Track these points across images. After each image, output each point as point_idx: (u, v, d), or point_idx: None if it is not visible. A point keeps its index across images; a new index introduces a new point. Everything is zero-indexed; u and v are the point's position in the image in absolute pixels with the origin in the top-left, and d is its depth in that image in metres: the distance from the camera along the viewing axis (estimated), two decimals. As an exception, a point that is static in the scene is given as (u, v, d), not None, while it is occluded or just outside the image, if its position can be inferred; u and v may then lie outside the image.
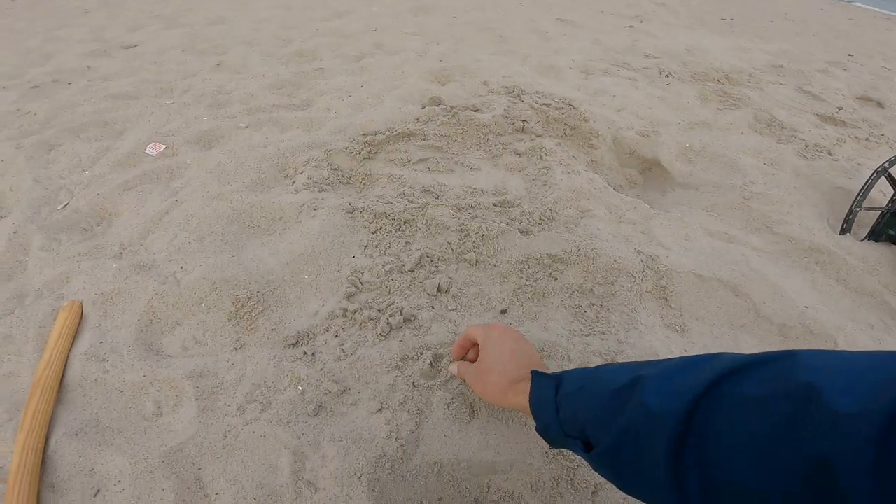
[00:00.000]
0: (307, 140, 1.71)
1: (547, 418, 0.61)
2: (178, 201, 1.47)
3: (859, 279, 1.44)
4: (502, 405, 0.74)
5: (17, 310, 1.21)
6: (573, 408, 0.58)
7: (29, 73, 2.60)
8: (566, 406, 0.59)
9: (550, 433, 0.61)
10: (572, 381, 0.61)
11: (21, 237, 1.43)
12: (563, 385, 0.62)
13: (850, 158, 2.05)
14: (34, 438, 0.91)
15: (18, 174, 1.71)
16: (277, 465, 0.87)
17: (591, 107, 2.06)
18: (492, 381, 0.76)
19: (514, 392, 0.71)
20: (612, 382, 0.53)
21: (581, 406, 0.57)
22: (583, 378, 0.60)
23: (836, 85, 2.85)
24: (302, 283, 1.18)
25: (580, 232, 1.34)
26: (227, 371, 1.02)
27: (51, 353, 1.07)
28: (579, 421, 0.56)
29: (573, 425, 0.57)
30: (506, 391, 0.73)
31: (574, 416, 0.57)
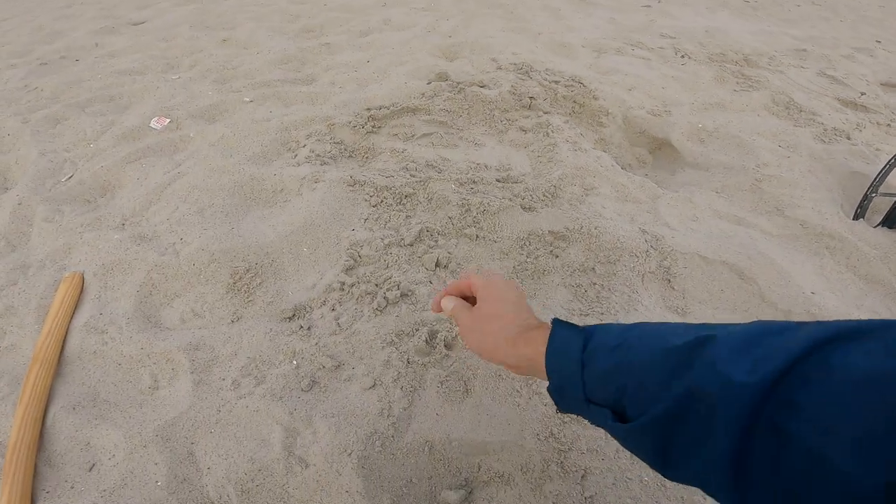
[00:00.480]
0: (311, 114, 1.69)
1: (567, 375, 0.50)
2: (180, 174, 1.46)
3: (869, 266, 1.39)
4: (503, 360, 0.59)
5: (21, 280, 1.22)
6: (608, 365, 0.47)
7: (38, 51, 2.61)
8: (598, 363, 0.48)
9: (567, 394, 0.51)
10: (608, 335, 0.50)
11: (25, 208, 1.44)
12: (595, 337, 0.50)
13: (869, 143, 1.98)
14: (32, 412, 0.91)
15: (24, 147, 1.72)
16: (269, 441, 0.87)
17: (602, 85, 2.01)
18: (495, 329, 0.61)
19: (525, 341, 0.57)
20: (666, 340, 0.43)
21: (622, 364, 0.46)
22: (623, 332, 0.49)
23: (861, 70, 2.75)
24: (301, 255, 1.17)
25: (584, 210, 1.31)
26: (223, 344, 1.02)
27: (51, 325, 1.07)
28: (615, 383, 0.45)
29: (603, 388, 0.47)
30: (514, 340, 0.58)
31: (608, 375, 0.46)
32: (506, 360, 0.59)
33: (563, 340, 0.53)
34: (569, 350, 0.51)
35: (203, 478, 0.84)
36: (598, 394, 0.47)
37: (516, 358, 0.58)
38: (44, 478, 0.85)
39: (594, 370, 0.48)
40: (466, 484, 0.86)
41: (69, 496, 0.82)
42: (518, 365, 0.58)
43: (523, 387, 0.94)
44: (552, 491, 0.82)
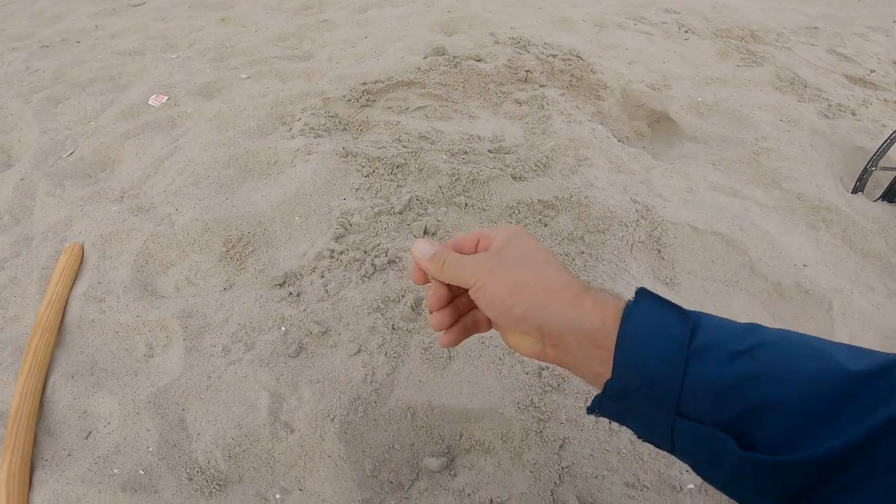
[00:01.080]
0: (307, 89, 1.70)
1: (653, 371, 0.36)
2: (177, 148, 1.48)
3: (866, 240, 1.38)
4: (545, 321, 0.41)
5: (24, 252, 1.26)
6: (731, 374, 0.34)
7: (39, 34, 2.63)
8: (713, 367, 0.35)
9: (642, 398, 0.36)
10: (723, 331, 0.37)
11: (28, 183, 1.47)
12: (705, 331, 0.37)
13: (875, 120, 1.95)
14: (33, 381, 0.93)
15: (27, 126, 1.74)
16: (256, 406, 0.89)
17: (601, 59, 1.99)
18: (541, 276, 0.42)
19: (594, 302, 0.40)
20: (835, 360, 0.33)
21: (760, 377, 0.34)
22: (745, 334, 0.36)
23: (874, 49, 2.68)
24: (292, 224, 1.19)
25: (576, 180, 1.31)
26: (215, 311, 1.04)
27: (51, 295, 1.10)
28: (742, 399, 0.33)
29: (715, 403, 0.34)
30: (578, 295, 0.41)
31: (731, 388, 0.34)
32: (552, 321, 0.40)
33: (654, 320, 0.38)
34: (665, 336, 0.36)
35: (192, 443, 0.86)
36: (702, 408, 0.35)
37: (574, 322, 0.39)
38: (43, 446, 0.87)
39: (705, 375, 0.35)
40: (448, 451, 0.88)
41: (66, 464, 0.84)
42: (561, 335, 0.40)
43: (506, 355, 0.96)
44: (530, 460, 0.83)
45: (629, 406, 0.38)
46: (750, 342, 0.35)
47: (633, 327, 0.37)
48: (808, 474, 0.31)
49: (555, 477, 0.82)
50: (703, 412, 0.35)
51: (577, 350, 0.40)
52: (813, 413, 0.32)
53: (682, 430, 0.36)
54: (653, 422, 0.37)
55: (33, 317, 1.08)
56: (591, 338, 0.39)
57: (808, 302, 1.17)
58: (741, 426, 0.34)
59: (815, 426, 0.32)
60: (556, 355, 0.42)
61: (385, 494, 0.83)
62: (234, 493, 0.82)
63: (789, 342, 0.36)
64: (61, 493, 0.79)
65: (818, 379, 0.33)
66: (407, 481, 0.84)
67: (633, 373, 0.37)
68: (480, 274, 0.44)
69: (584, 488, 0.81)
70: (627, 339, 0.37)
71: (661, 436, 0.37)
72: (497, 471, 0.84)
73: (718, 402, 0.34)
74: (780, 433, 0.32)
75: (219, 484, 0.82)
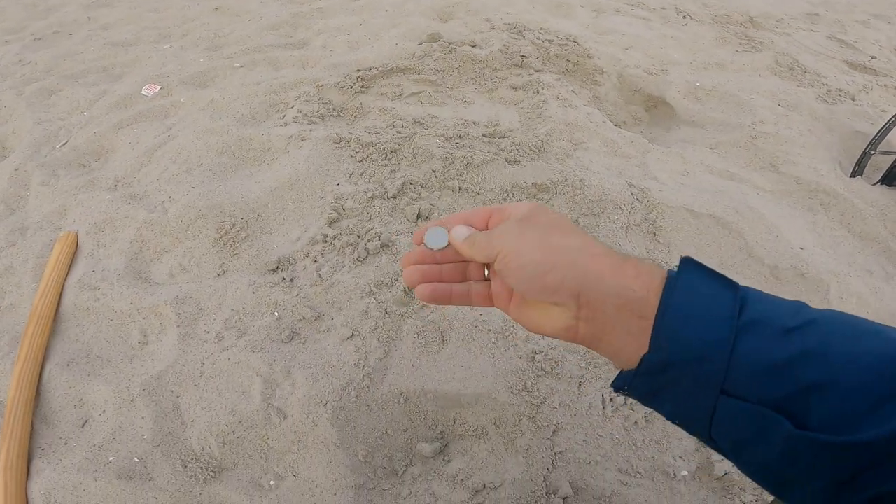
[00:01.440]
0: (300, 77, 1.68)
1: (697, 346, 0.34)
2: (170, 137, 1.47)
3: (865, 223, 1.37)
4: (580, 289, 0.38)
5: (19, 241, 1.25)
6: (784, 351, 0.32)
7: (32, 27, 2.61)
8: (764, 343, 0.33)
9: (684, 376, 0.34)
10: (774, 306, 0.35)
11: (22, 174, 1.47)
12: (754, 305, 0.35)
13: (875, 105, 1.93)
14: (29, 370, 0.93)
15: (20, 118, 1.74)
16: (250, 392, 0.89)
17: (598, 44, 1.97)
18: (575, 242, 0.40)
19: (636, 270, 0.37)
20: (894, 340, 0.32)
21: (815, 354, 0.32)
22: (797, 312, 0.35)
23: (875, 36, 2.66)
24: (286, 209, 1.18)
25: (571, 163, 1.30)
26: (208, 298, 1.04)
27: (46, 284, 1.09)
28: (795, 378, 0.32)
29: (766, 381, 0.33)
30: (620, 262, 0.38)
31: (782, 366, 0.32)
32: (592, 287, 0.37)
33: (700, 291, 0.35)
34: (712, 309, 0.34)
35: (187, 430, 0.86)
36: (751, 386, 0.33)
37: (616, 289, 0.36)
38: (40, 435, 0.87)
39: (756, 352, 0.33)
40: (442, 436, 0.87)
41: (63, 452, 0.84)
42: (600, 304, 0.37)
43: (499, 338, 0.95)
44: (523, 445, 0.83)
45: (665, 383, 0.35)
46: (802, 318, 0.34)
47: (678, 299, 0.35)
48: (868, 456, 0.30)
49: (548, 462, 0.81)
50: (751, 391, 0.33)
51: (616, 321, 0.36)
52: (875, 393, 0.30)
53: (725, 409, 0.33)
54: (691, 401, 0.34)
55: (29, 305, 1.07)
56: (633, 307, 0.36)
57: (804, 285, 1.16)
58: (793, 405, 0.32)
59: (877, 407, 0.30)
60: (589, 331, 0.38)
61: (379, 480, 0.83)
62: (229, 480, 0.82)
63: (843, 322, 0.34)
64: (58, 482, 0.80)
65: (880, 359, 0.31)
66: (400, 467, 0.84)
67: (677, 347, 0.34)
68: (509, 239, 0.41)
69: (577, 474, 0.81)
70: (671, 311, 0.34)
71: (698, 416, 0.35)
72: (490, 456, 0.84)
73: (769, 381, 0.32)
74: (837, 413, 0.31)
75: (213, 471, 0.82)
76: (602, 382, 0.91)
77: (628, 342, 0.36)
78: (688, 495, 0.80)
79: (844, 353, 0.32)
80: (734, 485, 0.81)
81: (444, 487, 0.82)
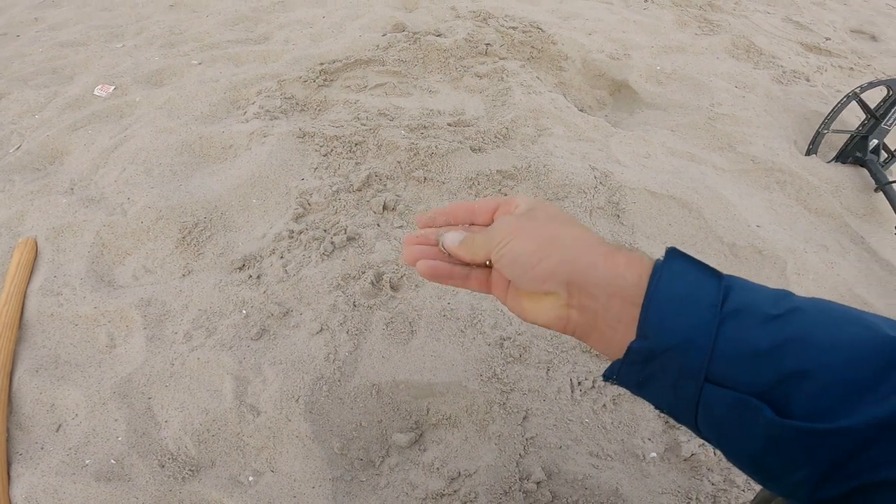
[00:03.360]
0: (261, 72, 1.65)
1: (682, 333, 0.34)
2: (126, 137, 1.43)
3: (820, 200, 1.42)
4: (575, 276, 0.39)
5: (-23, 251, 1.21)
6: (767, 339, 0.33)
7: (-23, 30, 2.49)
8: (748, 331, 0.33)
9: (669, 363, 0.35)
10: (757, 294, 0.36)
11: (-26, 181, 1.41)
12: (738, 293, 0.35)
13: (829, 85, 2.00)
14: (0, 378, 0.92)
15: (-31, 123, 1.67)
16: (221, 391, 0.89)
17: (561, 30, 1.98)
18: (572, 232, 0.41)
19: (627, 258, 0.38)
20: (875, 327, 0.33)
21: (796, 342, 0.33)
22: (780, 299, 0.35)
23: (830, 17, 2.74)
24: (250, 206, 1.17)
25: (536, 149, 1.32)
26: (174, 298, 1.03)
27: (8, 291, 1.07)
28: (777, 365, 0.32)
29: (748, 368, 0.33)
30: (611, 250, 0.39)
31: (766, 353, 0.33)
32: (584, 274, 0.38)
33: (684, 280, 0.36)
34: (696, 297, 0.35)
35: (161, 431, 0.86)
36: (734, 374, 0.33)
37: (607, 277, 0.37)
38: (16, 441, 0.87)
39: (738, 340, 0.33)
40: (417, 426, 0.88)
41: (40, 457, 0.84)
42: (592, 291, 0.38)
43: (467, 326, 0.96)
44: (495, 432, 0.85)
45: (652, 372, 0.36)
46: (785, 306, 0.34)
47: (663, 287, 0.35)
48: (848, 443, 0.30)
49: (520, 448, 0.83)
50: (735, 378, 0.33)
51: (608, 309, 0.37)
52: (855, 381, 0.31)
53: (709, 397, 0.34)
54: (677, 389, 0.35)
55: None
56: (625, 294, 0.36)
57: (762, 262, 1.20)
58: (775, 393, 0.32)
59: (858, 394, 0.30)
60: (581, 319, 0.39)
61: (356, 471, 0.84)
62: (208, 478, 0.82)
63: (826, 310, 0.35)
64: (38, 485, 0.80)
65: (861, 346, 0.31)
66: (377, 458, 0.85)
67: (661, 335, 0.34)
68: (507, 231, 0.42)
69: (549, 458, 0.83)
70: (655, 299, 0.35)
71: (684, 405, 0.35)
72: (464, 444, 0.86)
73: (752, 368, 0.33)
74: (818, 401, 0.31)
75: (191, 469, 0.82)
76: (569, 367, 0.93)
77: (619, 330, 0.37)
78: (657, 476, 0.83)
79: (826, 341, 0.32)
80: (702, 465, 0.84)
81: (420, 476, 0.83)
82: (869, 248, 1.33)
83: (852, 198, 1.46)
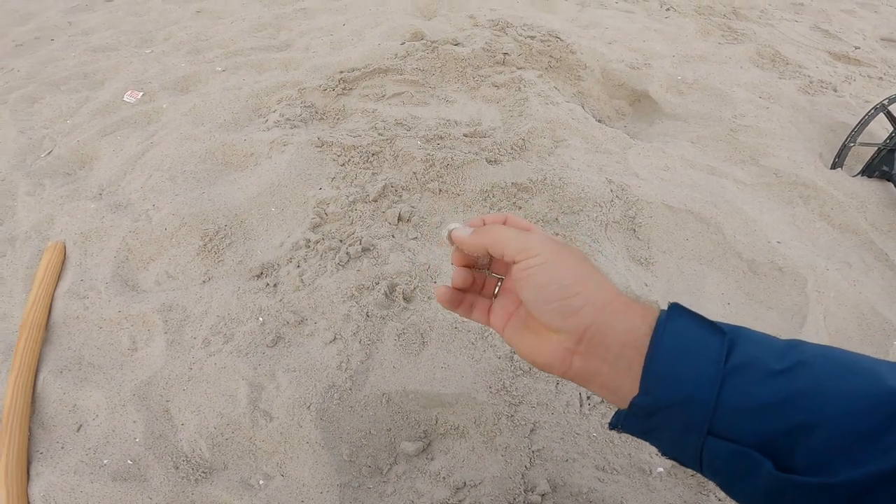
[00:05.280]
0: (283, 80, 1.69)
1: (686, 389, 0.35)
2: (153, 144, 1.48)
3: (844, 215, 1.38)
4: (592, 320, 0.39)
5: (9, 252, 1.26)
6: (771, 394, 0.33)
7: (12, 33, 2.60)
8: (751, 387, 0.34)
9: (674, 416, 0.36)
10: (763, 348, 0.36)
11: (8, 184, 1.47)
12: (743, 348, 0.36)
13: (857, 96, 1.94)
14: (24, 378, 0.96)
15: (4, 127, 1.74)
16: (236, 396, 0.91)
17: (581, 39, 1.98)
18: (602, 276, 0.42)
19: (643, 309, 0.39)
20: (881, 379, 0.33)
21: (800, 396, 0.33)
22: (787, 351, 0.36)
23: (860, 25, 2.65)
24: (269, 215, 1.20)
25: (552, 161, 1.32)
26: (194, 304, 1.06)
27: (36, 293, 1.11)
28: (781, 420, 0.33)
29: (752, 422, 0.34)
30: (629, 300, 0.40)
31: (769, 408, 0.33)
32: (605, 322, 0.38)
33: (686, 336, 0.37)
34: (698, 353, 0.35)
35: (177, 433, 0.89)
36: (738, 428, 0.34)
37: (624, 327, 0.38)
38: (38, 440, 0.90)
39: (742, 395, 0.34)
40: (425, 435, 0.89)
41: (60, 456, 0.87)
42: (606, 339, 0.38)
43: (478, 339, 0.97)
44: (502, 443, 0.85)
45: (657, 424, 0.37)
46: (791, 360, 0.35)
47: (666, 343, 0.36)
48: (845, 496, 0.31)
49: (526, 460, 0.83)
50: (738, 432, 0.34)
51: (618, 358, 0.38)
52: (856, 434, 0.31)
53: (712, 449, 0.35)
54: (681, 441, 0.36)
55: (20, 315, 1.09)
56: (638, 343, 0.37)
57: (782, 279, 1.17)
58: (779, 445, 0.33)
59: (859, 448, 0.31)
60: (583, 366, 0.39)
61: (363, 478, 0.85)
62: (220, 480, 0.84)
63: (833, 360, 0.35)
64: (56, 484, 0.82)
65: (863, 399, 0.32)
66: (385, 465, 0.86)
67: (665, 391, 0.35)
68: (546, 249, 0.41)
69: (555, 471, 0.83)
70: (658, 355, 0.36)
71: (689, 455, 0.36)
72: (471, 454, 0.86)
73: (755, 422, 0.34)
74: (821, 453, 0.32)
75: (204, 471, 0.85)
76: (579, 380, 0.93)
77: (629, 378, 0.37)
78: (663, 491, 0.82)
79: (830, 395, 0.33)
80: (708, 481, 0.83)
81: (426, 485, 0.84)
82: (893, 266, 1.28)
83: (878, 213, 1.42)
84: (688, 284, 1.15)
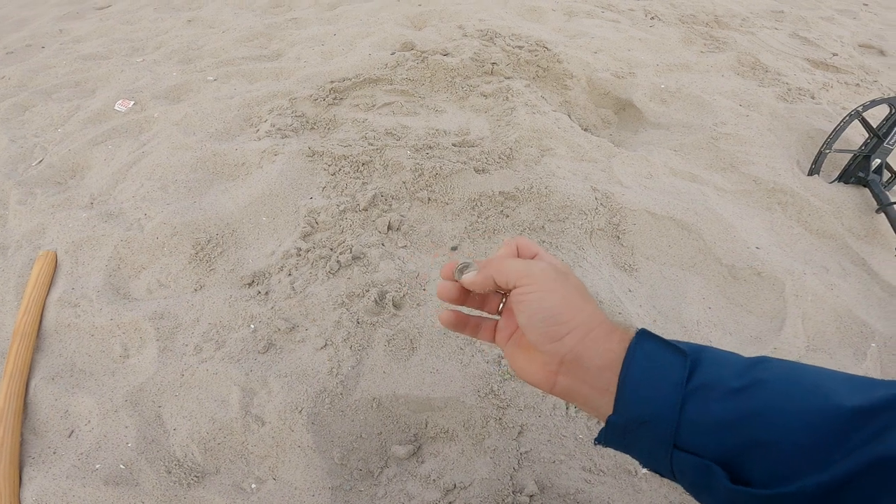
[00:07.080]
0: (274, 89, 1.71)
1: (652, 408, 0.39)
2: (144, 153, 1.49)
3: (821, 221, 1.42)
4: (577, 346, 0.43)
5: (0, 261, 1.27)
6: (729, 412, 0.37)
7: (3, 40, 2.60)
8: (711, 405, 0.38)
9: (643, 433, 0.40)
10: (724, 367, 0.40)
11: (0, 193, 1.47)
12: (705, 369, 0.40)
13: (834, 102, 1.99)
14: (16, 384, 0.97)
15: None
16: (228, 401, 0.93)
17: (567, 49, 2.02)
18: (592, 306, 0.46)
19: (620, 335, 0.44)
20: (830, 397, 0.36)
21: (756, 414, 0.37)
22: (747, 370, 0.40)
23: (839, 32, 2.72)
24: (260, 224, 1.22)
25: (539, 170, 1.35)
26: (186, 312, 1.07)
27: (28, 302, 1.12)
28: (738, 436, 0.37)
29: (713, 438, 0.37)
30: (611, 326, 0.45)
31: (728, 425, 0.37)
32: (588, 348, 0.43)
33: (653, 359, 0.41)
34: (663, 375, 0.40)
35: (169, 438, 0.90)
36: (699, 442, 0.38)
37: (603, 352, 0.42)
38: (30, 445, 0.91)
39: (702, 413, 0.38)
40: (415, 439, 0.92)
41: (52, 461, 0.88)
42: (587, 364, 0.43)
43: (466, 345, 0.99)
44: (491, 446, 0.87)
45: (631, 440, 0.41)
46: (749, 378, 0.38)
47: (634, 367, 0.41)
48: None
49: (514, 462, 0.86)
50: (700, 446, 0.38)
51: (595, 380, 0.42)
52: (804, 451, 0.35)
53: (679, 461, 0.39)
54: (654, 454, 0.40)
55: (12, 323, 1.10)
56: (613, 367, 0.42)
57: (761, 284, 1.21)
58: (736, 460, 0.37)
59: (806, 463, 0.34)
60: (566, 385, 0.44)
61: (355, 481, 0.87)
62: (212, 484, 0.85)
63: (789, 379, 0.38)
64: (49, 489, 0.83)
65: (813, 418, 0.35)
66: (376, 468, 0.88)
67: (635, 410, 0.40)
68: (544, 278, 0.45)
69: (543, 473, 0.85)
70: (629, 379, 0.40)
71: (662, 466, 0.40)
72: (460, 457, 0.88)
73: (714, 438, 0.37)
74: (771, 469, 0.35)
75: (197, 476, 0.86)
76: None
77: (607, 397, 0.42)
78: (649, 492, 0.85)
79: (780, 414, 0.36)
80: (692, 484, 0.86)
81: (417, 487, 0.86)
82: (870, 270, 1.33)
83: (854, 219, 1.46)
84: (670, 290, 1.19)
